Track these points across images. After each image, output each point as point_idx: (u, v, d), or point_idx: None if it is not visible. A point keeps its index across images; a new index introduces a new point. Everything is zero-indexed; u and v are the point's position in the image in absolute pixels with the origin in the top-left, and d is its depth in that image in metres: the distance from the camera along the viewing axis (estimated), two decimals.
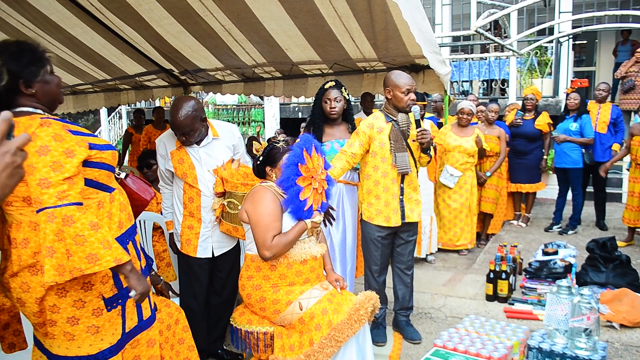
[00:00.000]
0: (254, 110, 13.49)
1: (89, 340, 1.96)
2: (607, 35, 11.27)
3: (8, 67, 1.90)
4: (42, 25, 4.60)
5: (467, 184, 5.70)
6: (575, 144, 6.18)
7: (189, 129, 2.98)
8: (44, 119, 1.89)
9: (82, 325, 1.94)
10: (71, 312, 1.93)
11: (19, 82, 1.92)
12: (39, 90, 1.97)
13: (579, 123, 6.20)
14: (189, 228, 3.16)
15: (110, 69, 5.94)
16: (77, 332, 1.94)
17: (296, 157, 2.66)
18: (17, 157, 1.10)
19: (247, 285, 2.75)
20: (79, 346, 1.95)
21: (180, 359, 2.69)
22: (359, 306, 2.63)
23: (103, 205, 2.01)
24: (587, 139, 6.15)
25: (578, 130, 6.19)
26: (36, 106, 1.97)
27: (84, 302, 1.94)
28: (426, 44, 3.65)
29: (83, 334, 1.95)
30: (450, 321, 4.03)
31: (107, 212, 2.02)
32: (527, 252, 5.35)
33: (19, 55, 1.93)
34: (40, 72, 1.97)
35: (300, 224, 2.70)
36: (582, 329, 2.88)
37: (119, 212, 2.07)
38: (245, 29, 4.35)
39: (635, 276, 4.31)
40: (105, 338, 2.00)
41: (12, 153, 1.09)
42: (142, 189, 2.48)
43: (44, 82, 1.98)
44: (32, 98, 1.97)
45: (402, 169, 3.42)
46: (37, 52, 1.98)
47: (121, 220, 2.07)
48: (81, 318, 1.94)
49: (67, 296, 1.92)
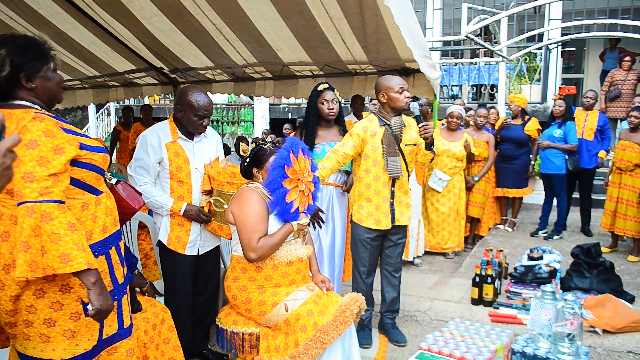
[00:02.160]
0: (243, 110, 13.46)
1: (63, 344, 1.93)
2: (595, 43, 11.38)
3: (12, 58, 1.90)
4: (30, 19, 4.55)
5: (455, 188, 5.74)
6: (559, 150, 6.23)
7: (211, 113, 3.10)
8: (37, 114, 1.89)
9: (58, 327, 1.92)
10: (48, 314, 1.91)
11: (21, 75, 1.92)
12: (39, 86, 1.97)
13: (563, 130, 6.26)
14: (179, 225, 3.14)
15: (99, 65, 5.90)
16: (52, 334, 1.92)
17: (283, 159, 2.66)
18: (7, 158, 1.12)
19: (233, 286, 2.74)
20: (53, 349, 1.93)
21: (165, 358, 2.68)
22: (345, 308, 2.63)
23: (88, 207, 1.99)
24: (570, 146, 6.20)
25: (562, 137, 6.25)
26: (34, 101, 1.97)
27: (61, 305, 1.92)
28: (417, 48, 3.66)
29: (59, 337, 1.92)
30: (436, 324, 4.05)
31: (92, 214, 2.00)
32: (512, 257, 5.39)
33: (24, 48, 1.93)
34: (43, 69, 1.97)
35: (286, 226, 2.70)
36: (566, 333, 2.90)
37: (104, 216, 2.05)
38: (237, 28, 4.34)
39: (619, 282, 4.36)
40: (80, 343, 1.97)
41: (1, 154, 1.10)
42: (131, 197, 2.48)
43: (45, 79, 1.99)
44: (31, 93, 1.97)
45: (393, 173, 3.43)
46: (42, 49, 1.99)
47: (105, 224, 2.05)
48: (58, 320, 1.92)
49: (45, 297, 1.90)
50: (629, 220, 5.56)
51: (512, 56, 9.22)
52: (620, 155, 5.61)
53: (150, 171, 3.08)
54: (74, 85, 7.06)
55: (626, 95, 8.32)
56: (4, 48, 1.89)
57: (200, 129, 3.09)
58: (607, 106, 8.52)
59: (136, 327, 2.51)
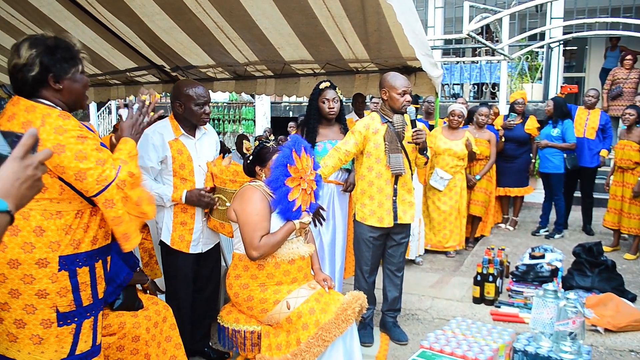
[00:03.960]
0: (244, 108, 13.45)
1: (28, 348, 1.91)
2: (597, 41, 11.36)
3: (41, 58, 1.91)
4: (32, 17, 4.54)
5: (456, 186, 5.73)
6: (557, 149, 6.23)
7: (209, 99, 3.13)
8: (62, 112, 1.94)
9: (27, 331, 1.90)
10: (20, 315, 1.90)
11: (49, 75, 1.93)
12: (66, 87, 1.98)
13: (560, 128, 6.25)
14: (182, 224, 3.13)
15: (100, 63, 5.88)
16: (20, 335, 1.91)
17: (285, 157, 2.66)
18: (38, 170, 1.16)
19: (235, 284, 2.74)
20: (18, 350, 1.91)
21: (167, 356, 2.68)
22: (347, 306, 2.63)
23: (82, 216, 1.99)
24: (568, 144, 6.20)
25: (560, 136, 6.24)
26: (57, 102, 1.98)
27: (35, 309, 1.91)
28: (419, 46, 3.65)
29: (26, 339, 1.91)
30: (437, 323, 4.05)
31: (85, 223, 2.00)
32: (514, 256, 5.39)
33: (54, 49, 1.94)
34: (72, 70, 1.99)
35: (288, 225, 2.70)
36: (567, 332, 2.89)
37: (97, 228, 2.04)
38: (238, 26, 4.33)
39: (621, 281, 4.35)
40: (46, 352, 1.93)
41: (34, 166, 1.15)
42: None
43: (73, 80, 2.00)
44: (57, 94, 1.98)
45: (395, 170, 3.43)
46: (72, 50, 2.00)
47: (96, 236, 2.04)
48: (28, 324, 1.90)
49: (20, 298, 1.89)
50: (632, 219, 5.56)
51: (513, 55, 9.20)
52: (620, 155, 5.62)
53: (149, 171, 3.04)
54: None
55: (628, 94, 8.31)
56: (35, 48, 1.91)
57: (204, 118, 3.10)
58: (609, 105, 8.51)
59: (138, 325, 2.51)
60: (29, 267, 1.88)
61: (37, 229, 1.88)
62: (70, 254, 1.94)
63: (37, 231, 1.88)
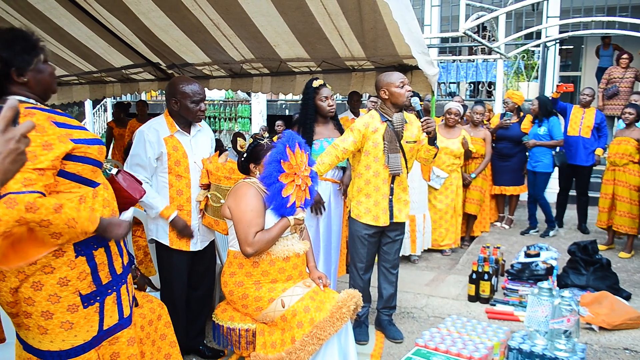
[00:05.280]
0: (240, 106, 13.43)
1: (61, 336, 1.94)
2: (593, 40, 11.37)
3: (0, 53, 1.88)
4: (27, 14, 4.53)
5: (452, 185, 5.74)
6: (545, 147, 6.24)
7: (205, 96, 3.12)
8: (27, 109, 1.87)
9: (56, 320, 1.92)
10: (46, 307, 1.91)
11: (11, 70, 1.90)
12: (31, 79, 1.95)
13: (546, 126, 6.27)
14: None
15: (96, 60, 5.87)
16: (50, 326, 1.92)
17: (279, 153, 2.66)
18: (21, 143, 1.13)
19: (230, 281, 2.73)
20: (51, 340, 1.93)
21: (162, 354, 2.67)
22: (342, 304, 2.63)
23: (85, 200, 1.98)
24: (556, 141, 6.22)
25: (547, 133, 6.25)
26: (28, 95, 1.94)
27: (59, 297, 1.92)
28: (415, 45, 3.65)
29: (56, 329, 1.93)
30: (433, 321, 4.05)
31: (89, 207, 1.99)
32: (509, 254, 5.39)
33: (12, 42, 1.90)
34: (34, 61, 1.95)
35: (283, 221, 2.69)
36: (562, 330, 2.90)
37: (102, 208, 2.04)
38: (234, 24, 4.32)
39: (615, 279, 4.37)
40: (79, 334, 1.97)
41: (16, 140, 1.12)
42: (132, 187, 2.44)
43: (37, 71, 1.96)
44: (24, 87, 1.95)
45: (394, 170, 3.43)
46: (30, 41, 1.96)
47: (103, 216, 2.04)
48: (55, 313, 1.92)
49: (43, 290, 1.90)
50: (624, 217, 5.58)
51: (509, 53, 9.21)
52: (615, 150, 5.63)
53: (147, 168, 3.04)
54: (70, 81, 7.02)
55: (624, 93, 8.32)
56: None
57: (200, 115, 3.09)
58: (605, 104, 8.52)
59: (132, 323, 2.50)
60: (47, 259, 1.88)
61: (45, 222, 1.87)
62: (83, 239, 1.94)
63: None
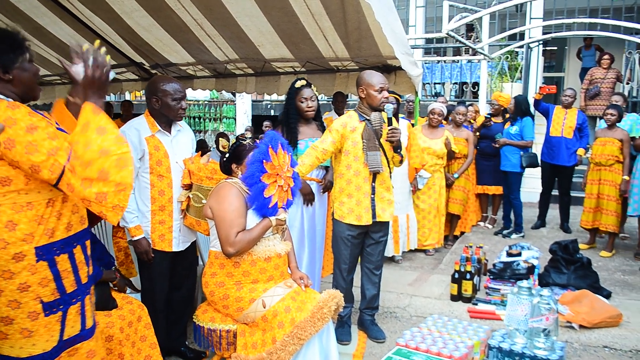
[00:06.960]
0: (225, 106, 13.38)
1: (20, 343, 1.90)
2: (576, 42, 11.51)
3: None
4: (9, 14, 4.49)
5: (435, 185, 5.77)
6: (515, 147, 6.29)
7: (185, 94, 3.12)
8: (11, 102, 1.86)
9: (15, 326, 1.88)
10: (5, 312, 1.87)
11: None
12: (16, 77, 1.94)
13: (518, 126, 6.32)
14: (161, 223, 3.10)
15: None
16: (10, 332, 1.89)
17: (261, 154, 2.66)
18: None
19: (211, 282, 2.73)
20: (11, 346, 1.90)
21: (142, 356, 2.66)
22: (323, 304, 2.64)
23: (54, 204, 1.94)
24: (525, 142, 6.26)
25: (518, 133, 6.30)
26: (8, 94, 1.93)
27: (19, 303, 1.88)
28: (398, 45, 3.67)
29: (16, 335, 1.89)
30: (415, 320, 4.07)
31: (57, 211, 1.96)
32: (492, 253, 5.43)
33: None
34: (19, 59, 1.94)
35: (264, 221, 2.69)
36: (541, 329, 2.94)
37: (70, 214, 2.00)
38: (218, 23, 4.32)
39: (596, 278, 4.42)
40: (37, 343, 1.92)
41: None
42: None
43: (22, 70, 1.95)
44: (8, 85, 1.93)
45: (373, 168, 3.44)
46: (17, 39, 1.95)
47: (70, 222, 2.00)
48: (15, 319, 1.88)
49: (2, 296, 1.86)
50: (610, 215, 5.64)
51: (493, 54, 9.29)
52: (601, 151, 5.67)
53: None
54: (53, 81, 6.96)
55: (605, 94, 8.42)
56: None
57: (181, 113, 3.09)
58: (587, 104, 8.62)
59: (112, 325, 2.49)
60: (5, 263, 1.84)
61: (9, 224, 1.84)
62: (46, 243, 1.91)
63: (9, 226, 1.84)
